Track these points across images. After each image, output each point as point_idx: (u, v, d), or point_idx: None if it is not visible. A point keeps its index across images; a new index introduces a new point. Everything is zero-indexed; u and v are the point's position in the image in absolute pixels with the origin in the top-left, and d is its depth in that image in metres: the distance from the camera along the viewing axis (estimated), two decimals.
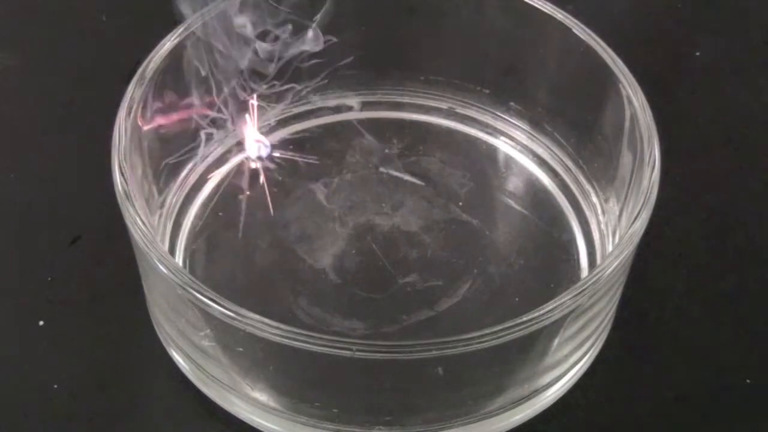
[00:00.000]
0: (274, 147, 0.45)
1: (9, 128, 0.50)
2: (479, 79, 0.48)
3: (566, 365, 0.39)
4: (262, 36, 0.43)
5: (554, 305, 0.35)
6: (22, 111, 0.51)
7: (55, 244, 0.45)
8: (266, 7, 0.43)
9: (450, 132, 0.49)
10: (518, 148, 0.48)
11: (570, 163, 0.46)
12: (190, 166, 0.45)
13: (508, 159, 0.48)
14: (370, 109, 0.49)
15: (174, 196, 0.45)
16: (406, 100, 0.49)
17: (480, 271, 0.43)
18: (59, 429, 0.40)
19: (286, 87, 0.45)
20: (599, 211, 0.45)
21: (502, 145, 0.48)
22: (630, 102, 0.41)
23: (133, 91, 0.40)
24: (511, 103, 0.48)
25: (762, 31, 0.56)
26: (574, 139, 0.46)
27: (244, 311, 0.34)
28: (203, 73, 0.42)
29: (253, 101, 0.44)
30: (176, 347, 0.40)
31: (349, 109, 0.48)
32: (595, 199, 0.45)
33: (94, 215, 0.45)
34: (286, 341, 0.34)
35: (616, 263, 0.36)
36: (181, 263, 0.43)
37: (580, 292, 0.35)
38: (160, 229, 0.43)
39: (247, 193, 0.44)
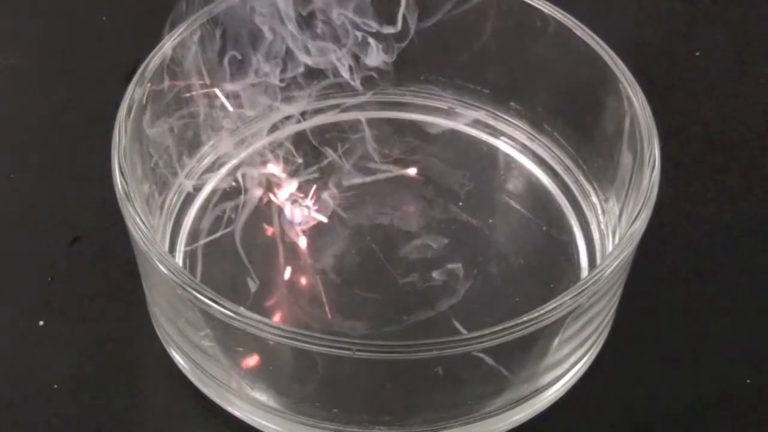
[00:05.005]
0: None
1: (9, 128, 0.50)
2: (479, 79, 0.48)
3: (566, 365, 0.39)
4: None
5: (554, 305, 0.35)
6: (22, 111, 0.51)
7: (55, 244, 0.45)
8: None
9: (450, 132, 0.49)
10: (518, 148, 0.48)
11: (570, 163, 0.46)
12: (190, 166, 0.45)
13: (508, 159, 0.48)
14: (370, 109, 0.49)
15: (174, 196, 0.45)
16: (406, 100, 0.49)
17: (480, 271, 0.43)
18: (59, 429, 0.40)
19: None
20: (599, 211, 0.45)
21: (502, 145, 0.48)
22: (630, 102, 0.41)
23: (133, 91, 0.40)
24: (511, 103, 0.48)
25: (762, 31, 0.56)
26: (574, 139, 0.46)
27: (244, 311, 0.34)
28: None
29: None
30: (176, 347, 0.40)
31: (349, 109, 0.48)
32: (595, 199, 0.45)
33: (94, 215, 0.45)
34: (286, 341, 0.34)
35: (616, 263, 0.36)
36: (181, 263, 0.43)
37: (580, 292, 0.35)
38: (160, 229, 0.43)
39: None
